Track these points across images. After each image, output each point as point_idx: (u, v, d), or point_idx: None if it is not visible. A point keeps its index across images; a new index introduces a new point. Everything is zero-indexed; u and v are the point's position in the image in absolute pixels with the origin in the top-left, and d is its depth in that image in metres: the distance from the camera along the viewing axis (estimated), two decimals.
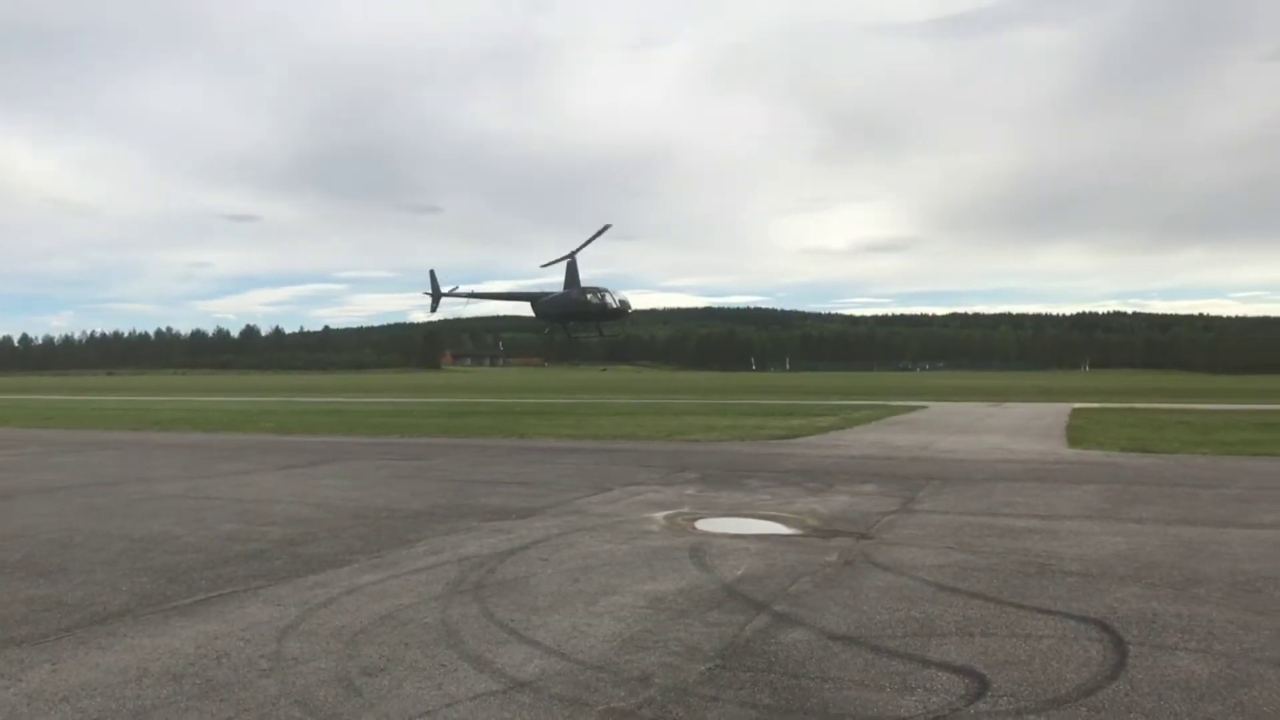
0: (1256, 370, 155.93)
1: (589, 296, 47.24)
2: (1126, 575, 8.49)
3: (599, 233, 46.45)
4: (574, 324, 51.90)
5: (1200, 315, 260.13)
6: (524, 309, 53.86)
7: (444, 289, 51.25)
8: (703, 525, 11.33)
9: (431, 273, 51.56)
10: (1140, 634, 6.64)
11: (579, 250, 48.40)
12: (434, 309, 52.45)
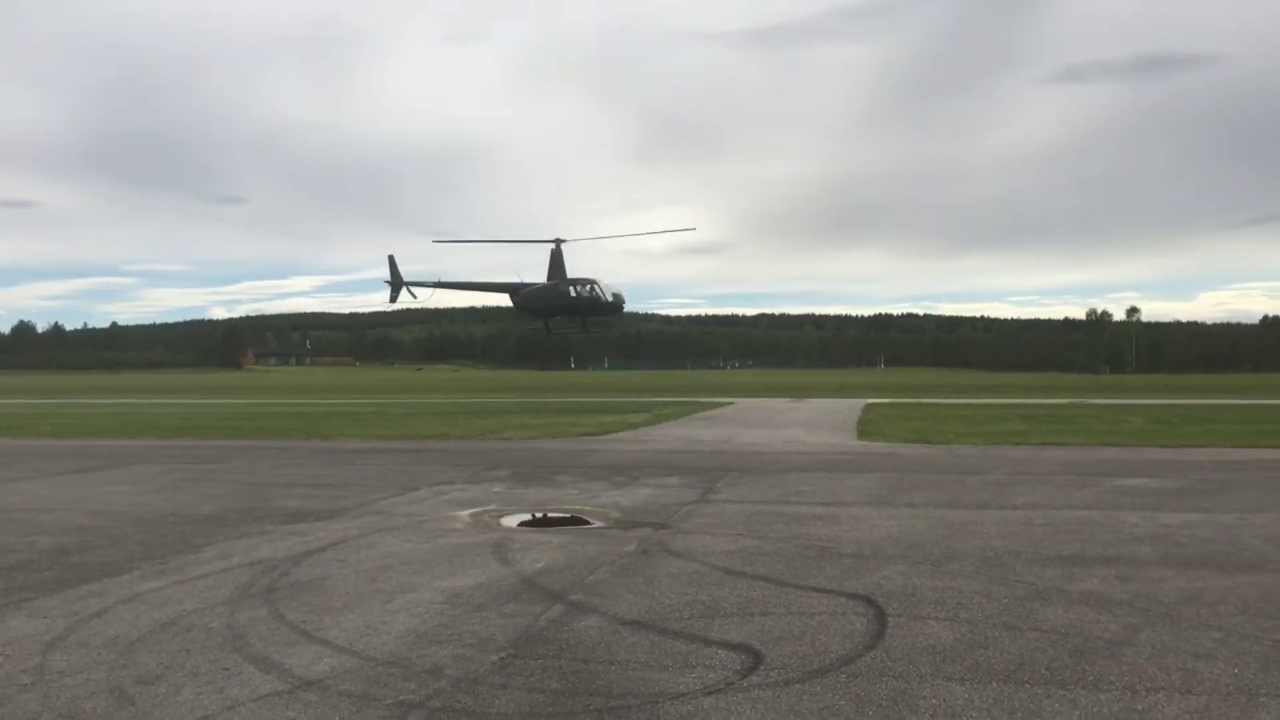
0: (1028, 367, 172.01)
1: (575, 289, 42.44)
2: (895, 555, 9.26)
3: None
4: (558, 319, 46.79)
5: (982, 317, 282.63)
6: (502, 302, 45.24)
7: (405, 277, 44.67)
8: (507, 521, 11.44)
9: (391, 259, 44.75)
10: (900, 607, 7.29)
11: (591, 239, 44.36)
12: (394, 299, 45.88)
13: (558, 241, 42.45)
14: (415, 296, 45.63)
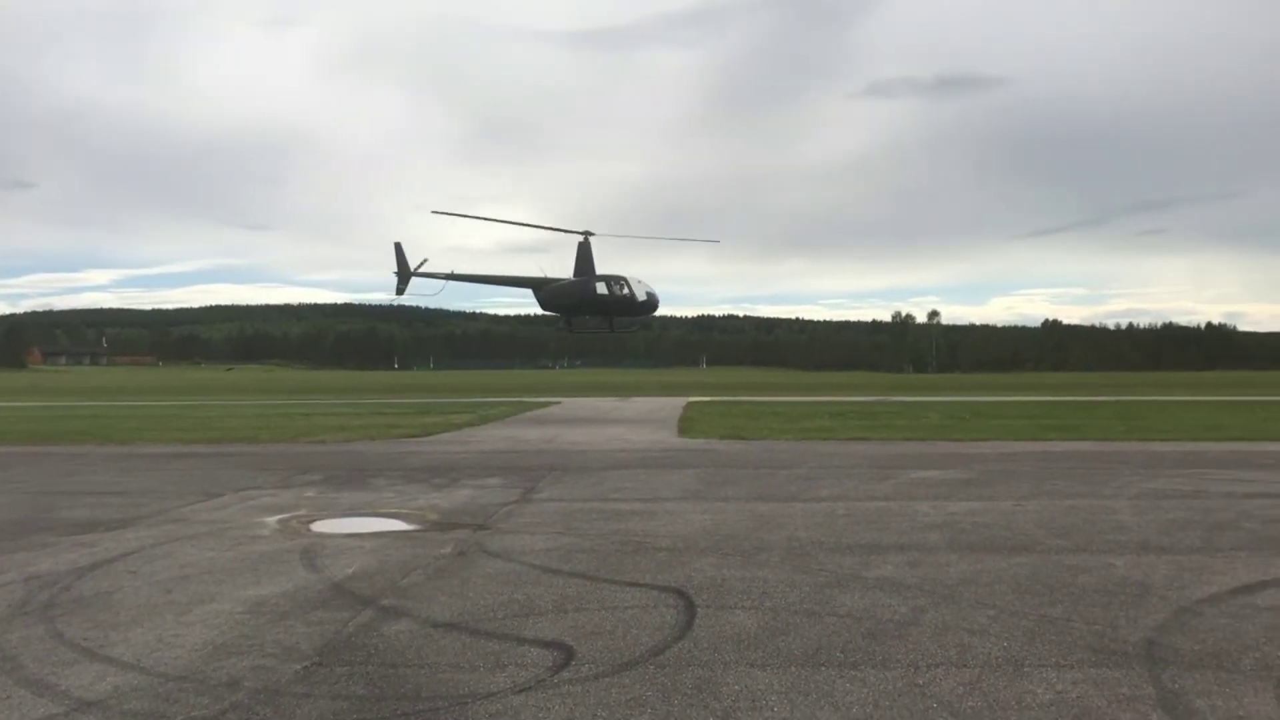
0: (839, 366, 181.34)
1: (606, 286, 38.99)
2: (707, 548, 9.56)
3: None
4: (585, 318, 43.23)
5: (797, 319, 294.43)
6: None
7: (413, 266, 39.81)
8: (319, 527, 11.05)
9: (398, 246, 39.86)
10: (709, 598, 7.54)
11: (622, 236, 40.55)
12: (401, 290, 40.79)
13: (586, 234, 39.21)
14: (407, 278, 40.55)
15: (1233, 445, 20.84)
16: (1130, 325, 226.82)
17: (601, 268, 39.11)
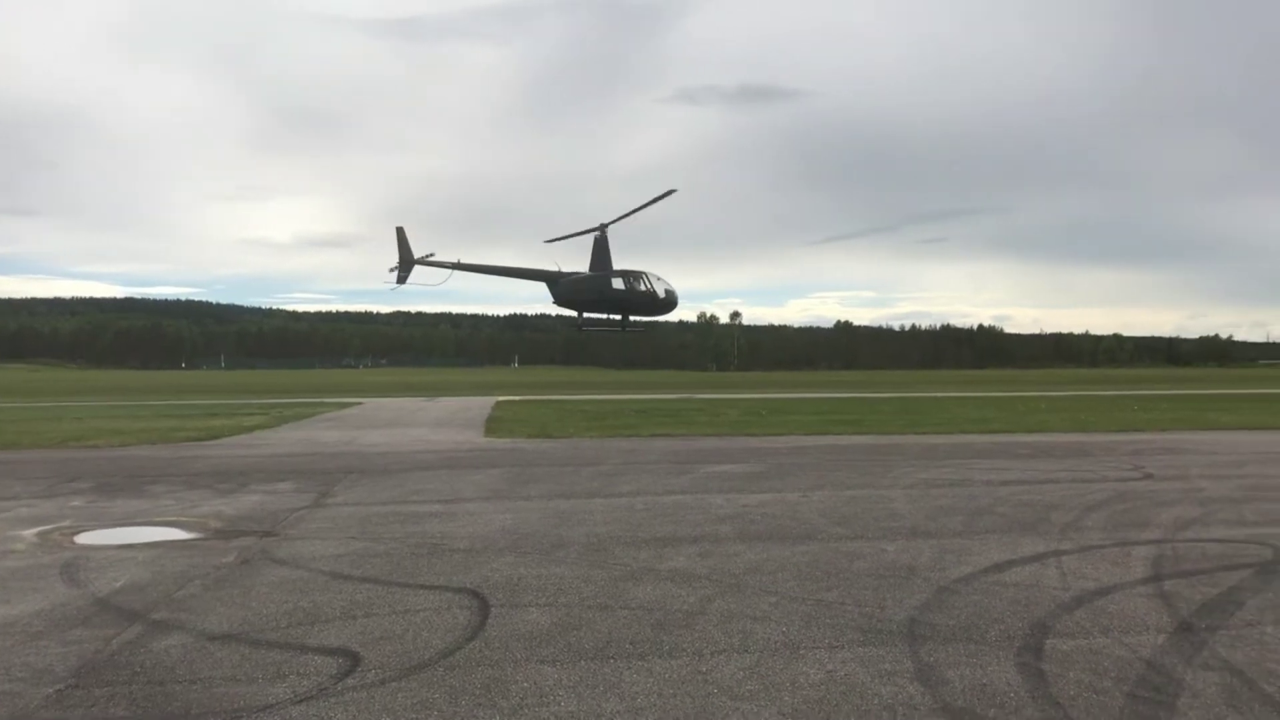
0: (648, 365, 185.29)
1: (624, 282, 36.76)
2: (506, 547, 9.54)
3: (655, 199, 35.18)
4: (598, 317, 40.09)
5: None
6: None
7: (417, 255, 35.73)
8: (85, 539, 10.21)
9: (400, 231, 35.84)
10: (504, 597, 7.54)
11: (625, 218, 36.22)
12: (402, 279, 36.36)
13: (602, 227, 37.14)
14: (410, 266, 36.16)
15: (995, 437, 22.82)
16: (913, 327, 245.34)
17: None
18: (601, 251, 38.16)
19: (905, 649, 6.19)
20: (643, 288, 37.95)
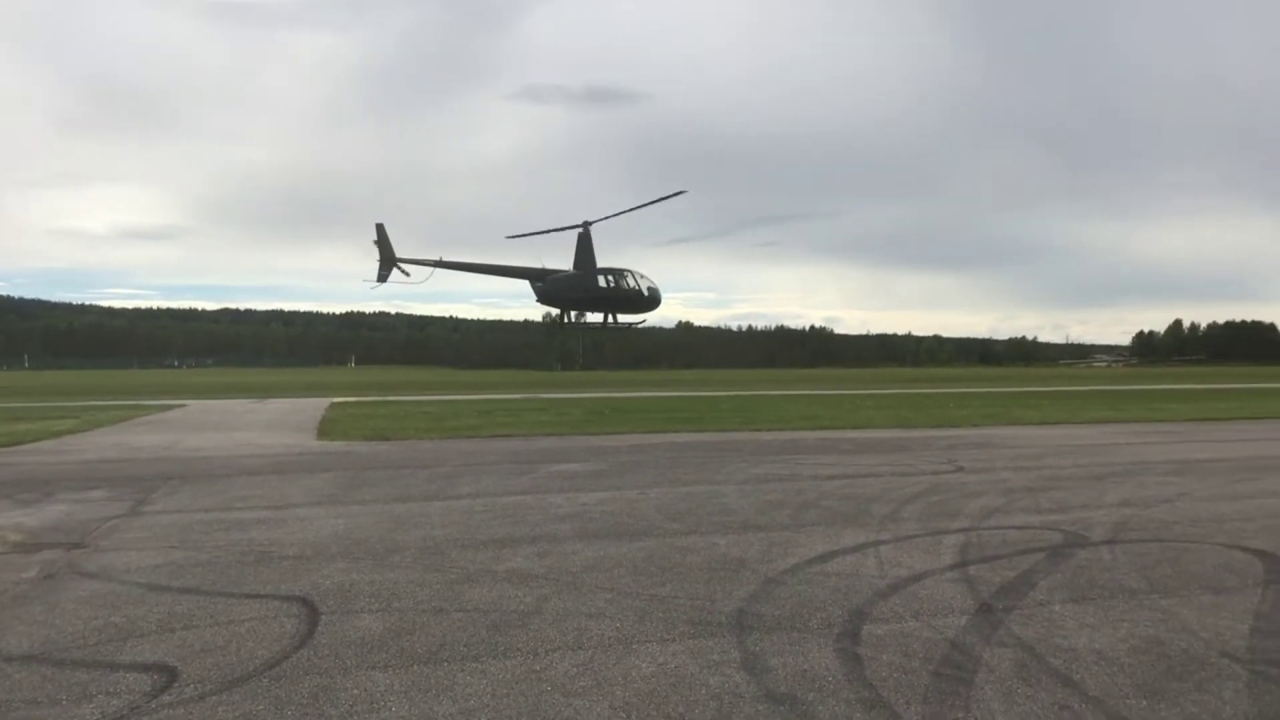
0: (492, 364, 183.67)
1: (607, 280, 37.18)
2: (338, 553, 9.30)
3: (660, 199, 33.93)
4: (583, 315, 40.20)
5: (450, 317, 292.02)
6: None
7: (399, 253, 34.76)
8: None
9: (379, 228, 34.77)
10: (335, 604, 7.36)
11: (619, 215, 35.12)
12: (383, 277, 35.50)
13: (585, 224, 36.78)
14: (408, 274, 36.32)
15: (823, 433, 23.87)
16: (750, 327, 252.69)
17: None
18: (585, 249, 38.53)
19: (733, 639, 6.44)
20: (627, 285, 38.65)
